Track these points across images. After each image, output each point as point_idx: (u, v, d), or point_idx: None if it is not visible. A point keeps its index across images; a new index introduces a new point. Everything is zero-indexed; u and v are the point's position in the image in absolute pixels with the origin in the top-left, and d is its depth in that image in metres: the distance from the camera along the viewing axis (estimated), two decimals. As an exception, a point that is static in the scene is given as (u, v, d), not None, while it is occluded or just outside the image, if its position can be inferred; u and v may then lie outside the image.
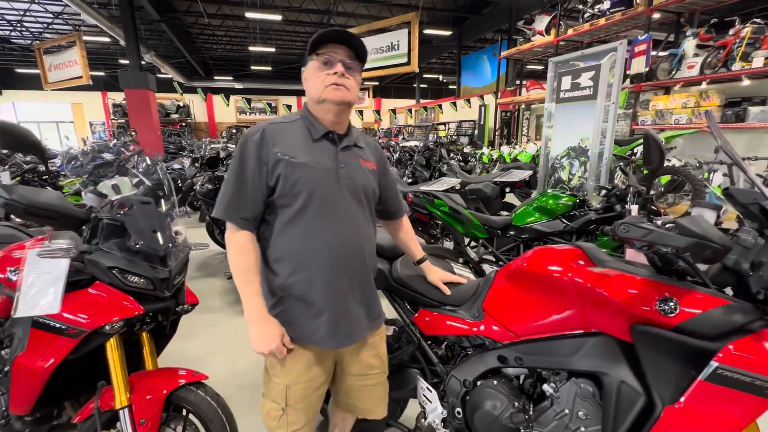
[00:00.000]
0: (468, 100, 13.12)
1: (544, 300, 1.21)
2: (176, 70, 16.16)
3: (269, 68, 17.91)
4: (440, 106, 15.25)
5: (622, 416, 1.06)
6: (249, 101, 12.25)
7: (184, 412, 1.41)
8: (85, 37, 11.10)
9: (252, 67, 17.93)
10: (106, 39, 12.88)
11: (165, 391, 1.34)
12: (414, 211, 2.86)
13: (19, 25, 13.44)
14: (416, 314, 1.51)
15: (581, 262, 1.19)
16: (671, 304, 0.98)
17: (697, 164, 5.43)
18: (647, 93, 8.55)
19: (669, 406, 0.98)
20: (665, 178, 3.97)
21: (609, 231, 1.00)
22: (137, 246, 1.32)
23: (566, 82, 4.33)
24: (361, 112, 15.42)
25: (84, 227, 1.33)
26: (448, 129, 14.15)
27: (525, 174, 4.13)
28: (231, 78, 19.28)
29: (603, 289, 1.07)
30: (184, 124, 19.09)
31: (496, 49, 12.46)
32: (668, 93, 8.12)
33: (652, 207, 1.95)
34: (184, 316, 1.55)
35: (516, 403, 1.24)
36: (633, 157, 4.18)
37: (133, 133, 4.60)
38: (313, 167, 1.09)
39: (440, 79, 21.98)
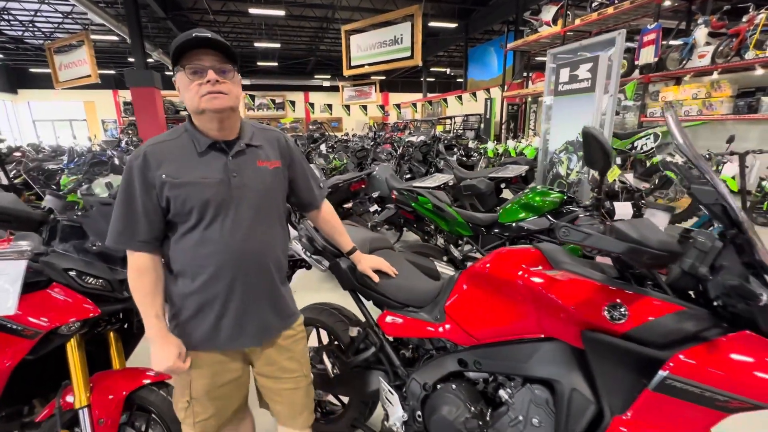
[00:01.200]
0: (474, 94, 12.94)
1: (502, 303, 1.17)
2: (184, 68, 16.26)
3: (275, 64, 17.95)
4: (445, 100, 15.05)
5: (572, 424, 1.02)
6: (253, 98, 12.29)
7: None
8: (94, 36, 11.28)
9: (258, 63, 17.99)
10: (115, 38, 13.06)
11: (125, 392, 1.35)
12: (399, 209, 2.83)
13: (30, 25, 13.71)
14: (380, 315, 1.49)
15: (539, 265, 1.15)
16: (621, 310, 0.94)
17: (707, 156, 5.25)
18: (658, 84, 8.30)
19: (617, 416, 0.94)
20: (671, 175, 3.83)
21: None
22: (94, 247, 1.32)
23: (564, 74, 4.20)
24: (365, 107, 15.34)
25: (43, 229, 1.34)
26: (454, 123, 13.98)
27: (521, 169, 4.04)
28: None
29: (554, 293, 1.03)
30: (193, 121, 19.27)
31: (503, 40, 12.22)
32: (679, 83, 7.86)
33: (606, 208, 1.88)
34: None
35: (473, 409, 1.20)
36: (633, 150, 4.06)
37: (130, 132, 4.65)
38: (200, 184, 1.06)
39: (448, 72, 21.72)
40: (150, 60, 12.78)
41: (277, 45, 15.27)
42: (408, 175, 5.17)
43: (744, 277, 0.91)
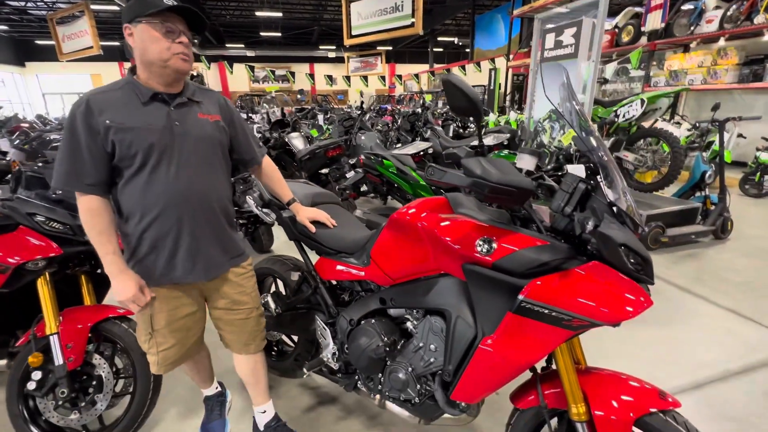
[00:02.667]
0: (478, 64, 12.60)
1: (409, 246, 1.29)
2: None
3: (279, 34, 17.64)
4: (448, 71, 14.69)
5: (456, 347, 1.17)
6: (252, 69, 12.22)
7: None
8: (95, 6, 11.23)
9: (261, 34, 17.71)
10: (116, 8, 12.96)
11: (90, 323, 1.54)
12: (366, 173, 2.93)
13: (33, -5, 13.68)
14: (317, 261, 1.63)
15: (443, 211, 1.26)
16: (490, 244, 1.05)
17: (696, 125, 5.16)
18: (666, 51, 7.99)
19: (487, 336, 1.08)
20: (664, 146, 3.80)
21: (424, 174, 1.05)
22: (54, 195, 1.47)
23: (550, 40, 4.14)
24: (365, 78, 15.09)
25: (9, 178, 1.50)
26: (459, 95, 13.73)
27: (502, 137, 4.06)
28: (243, 45, 19.16)
29: (440, 232, 1.14)
30: (198, 93, 19.29)
31: (510, 7, 11.76)
32: (687, 51, 7.57)
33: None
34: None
35: (386, 339, 1.35)
36: (617, 119, 4.02)
37: None
38: (144, 129, 1.16)
39: (456, 42, 21.06)
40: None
41: (279, 14, 14.98)
42: (398, 144, 5.23)
43: (601, 215, 1.02)
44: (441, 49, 23.16)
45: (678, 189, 4.25)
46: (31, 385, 1.48)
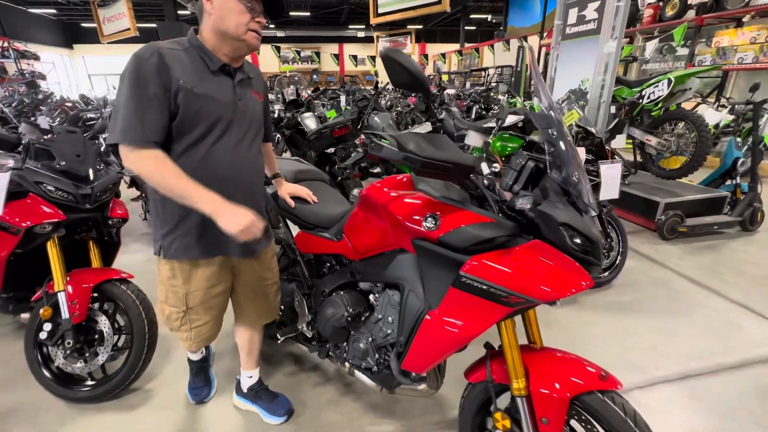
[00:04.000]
0: (507, 42, 12.04)
1: (373, 222, 1.33)
2: (219, 20, 16.40)
3: (308, 14, 17.58)
4: (477, 50, 14.13)
5: (407, 320, 1.21)
6: (279, 49, 12.31)
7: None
8: (132, -11, 11.62)
9: (291, 13, 17.71)
10: (152, -11, 13.35)
11: (93, 283, 1.70)
12: (365, 153, 2.95)
13: (78, -21, 14.31)
14: (296, 235, 1.70)
15: (406, 189, 1.28)
16: (436, 220, 1.07)
17: (731, 106, 4.75)
18: (714, 26, 7.30)
19: (432, 310, 1.11)
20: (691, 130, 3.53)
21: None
22: (58, 166, 1.62)
23: (573, 15, 3.91)
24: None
25: (20, 150, 1.65)
26: (488, 76, 13.21)
27: (516, 119, 3.93)
28: (273, 26, 19.25)
29: (393, 208, 1.17)
30: (230, 74, 19.74)
31: (546, -20, 11.08)
32: (741, 26, 6.88)
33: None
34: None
35: (350, 310, 1.41)
36: (641, 100, 3.77)
37: None
38: (215, 99, 1.14)
39: (489, 19, 20.14)
40: (185, 12, 13.04)
41: (307, -8, 14.86)
42: (412, 125, 5.18)
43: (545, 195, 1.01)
44: (473, 28, 22.27)
45: (707, 176, 3.98)
46: (42, 335, 1.67)
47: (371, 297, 1.42)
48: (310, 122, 4.03)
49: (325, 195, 1.74)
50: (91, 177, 1.70)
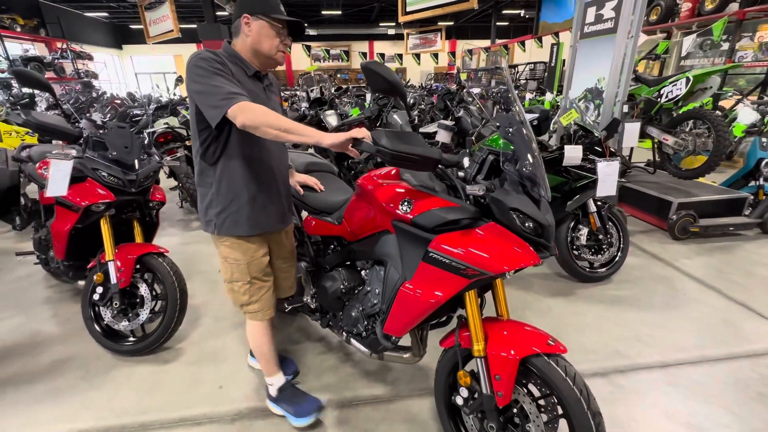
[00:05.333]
0: (540, 39, 11.83)
1: (365, 207, 1.53)
2: (255, 20, 17.06)
3: (339, 12, 17.94)
4: (506, 47, 13.93)
5: (387, 290, 1.41)
6: (309, 48, 12.69)
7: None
8: (175, -8, 12.36)
9: (323, 12, 18.13)
10: (193, -8, 14.11)
11: (135, 255, 2.01)
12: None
13: (128, -16, 15.35)
14: (304, 219, 1.94)
15: (394, 179, 1.47)
16: (410, 204, 1.26)
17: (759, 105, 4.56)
18: (759, 20, 6.91)
19: (406, 281, 1.30)
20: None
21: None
22: (111, 156, 1.94)
23: (591, 14, 3.92)
24: (417, 56, 14.87)
25: (81, 142, 1.99)
26: (517, 72, 13.04)
27: (530, 117, 4.00)
28: (305, 25, 19.78)
29: (378, 194, 1.37)
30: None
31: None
32: (788, 19, 6.48)
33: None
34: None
35: (346, 284, 1.63)
36: (659, 99, 3.73)
37: (179, 82, 5.47)
38: (257, 95, 1.39)
39: (521, 14, 19.72)
40: (224, 13, 13.69)
41: (339, -8, 15.18)
42: (431, 123, 5.33)
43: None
44: (506, 23, 21.86)
45: (729, 177, 3.89)
46: (95, 297, 2.01)
47: (363, 273, 1.63)
48: (331, 119, 4.28)
49: (331, 184, 1.97)
50: (136, 166, 2.01)
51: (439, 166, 1.22)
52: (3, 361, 2.06)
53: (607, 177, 2.35)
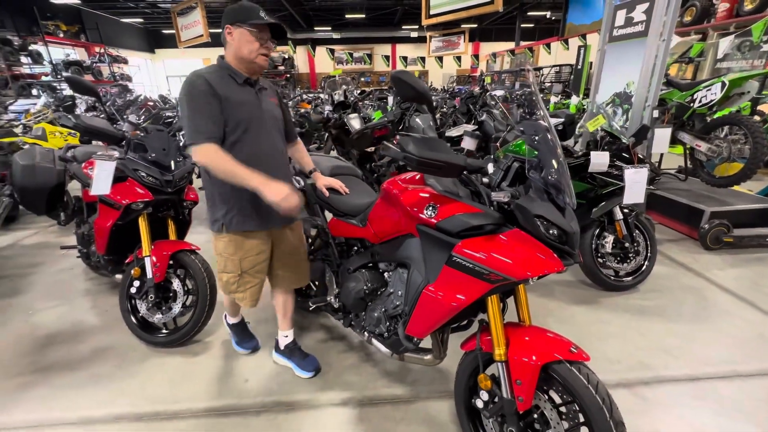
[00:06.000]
0: (566, 41, 11.59)
1: (390, 210, 1.57)
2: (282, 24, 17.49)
3: (363, 15, 18.12)
4: (530, 50, 13.70)
5: (410, 292, 1.45)
6: (332, 51, 12.88)
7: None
8: (206, -1, 12.81)
9: (347, 16, 18.36)
10: (223, -2, 14.57)
11: (170, 252, 2.12)
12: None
13: (162, -9, 16.01)
14: (329, 221, 2.00)
15: (418, 183, 1.51)
16: (434, 209, 1.29)
17: None
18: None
19: (429, 284, 1.33)
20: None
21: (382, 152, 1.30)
22: (150, 157, 2.05)
23: (620, 17, 3.84)
24: (440, 59, 14.83)
25: (123, 144, 2.11)
26: (542, 75, 12.81)
27: (555, 122, 3.94)
28: (329, 28, 20.07)
29: (403, 199, 1.41)
30: (288, 75, 20.93)
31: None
32: (836, 19, 6.12)
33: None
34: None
35: (369, 285, 1.67)
36: (692, 104, 3.61)
37: None
38: (245, 103, 1.54)
39: (548, 16, 19.36)
40: (251, 18, 14.00)
41: (363, -5, 15.33)
42: (454, 126, 5.33)
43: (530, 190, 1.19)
44: (531, 25, 21.51)
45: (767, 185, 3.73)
46: (132, 290, 2.13)
47: (386, 274, 1.67)
48: (354, 122, 4.35)
49: (356, 187, 2.02)
50: (173, 167, 2.12)
51: (464, 172, 1.24)
52: (50, 346, 2.22)
53: (635, 184, 2.31)
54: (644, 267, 2.64)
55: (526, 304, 1.38)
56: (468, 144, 1.46)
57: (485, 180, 1.34)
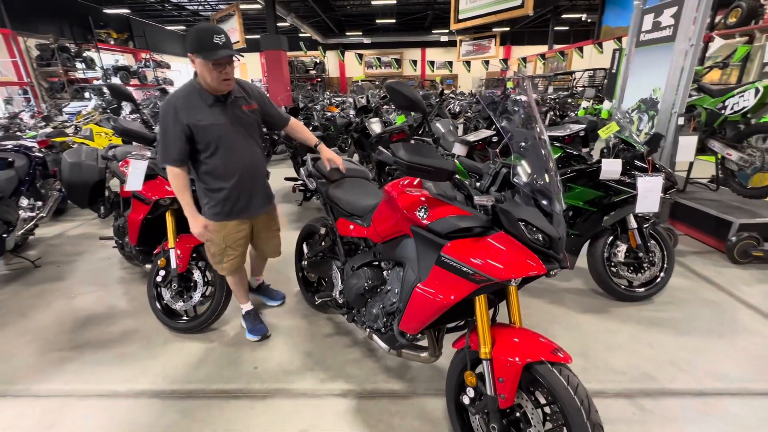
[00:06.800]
0: (600, 44, 11.24)
1: (389, 212, 1.65)
2: (314, 29, 18.03)
3: (393, 21, 18.32)
4: (562, 53, 13.36)
5: (404, 290, 1.52)
6: (361, 56, 13.12)
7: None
8: (243, 6, 13.42)
9: (377, 21, 18.64)
10: (258, 6, 15.20)
11: (192, 245, 2.29)
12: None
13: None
14: (337, 221, 2.10)
15: (417, 187, 1.58)
16: (426, 211, 1.36)
17: None
18: None
19: (421, 282, 1.40)
20: None
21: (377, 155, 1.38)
22: (177, 157, 2.24)
23: (648, 21, 3.75)
24: (468, 63, 14.73)
25: (155, 145, 2.31)
26: (574, 79, 12.47)
27: (576, 128, 3.88)
28: (360, 33, 20.44)
29: (399, 201, 1.48)
30: (320, 79, 21.46)
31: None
32: None
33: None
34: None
35: (370, 282, 1.76)
36: (723, 111, 3.44)
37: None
38: (215, 124, 1.77)
39: (583, 18, 18.80)
40: (285, 24, 14.57)
41: (393, 1, 15.56)
42: (474, 131, 5.33)
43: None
44: (566, 28, 20.97)
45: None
46: (158, 278, 2.32)
47: (385, 273, 1.75)
48: (375, 126, 4.46)
49: (363, 189, 2.11)
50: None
51: (457, 176, 1.31)
52: (86, 326, 2.45)
53: (648, 192, 2.27)
54: (659, 278, 2.56)
55: (518, 306, 1.42)
56: (458, 150, 1.53)
57: (478, 185, 1.39)
